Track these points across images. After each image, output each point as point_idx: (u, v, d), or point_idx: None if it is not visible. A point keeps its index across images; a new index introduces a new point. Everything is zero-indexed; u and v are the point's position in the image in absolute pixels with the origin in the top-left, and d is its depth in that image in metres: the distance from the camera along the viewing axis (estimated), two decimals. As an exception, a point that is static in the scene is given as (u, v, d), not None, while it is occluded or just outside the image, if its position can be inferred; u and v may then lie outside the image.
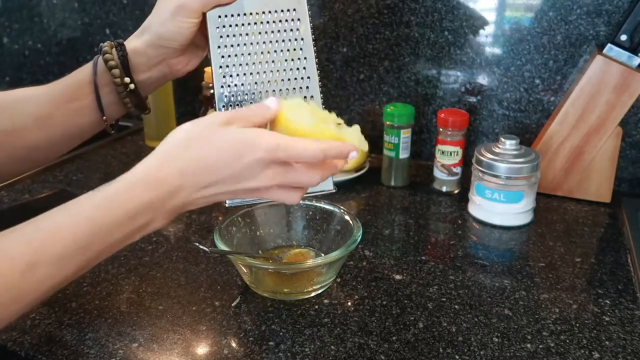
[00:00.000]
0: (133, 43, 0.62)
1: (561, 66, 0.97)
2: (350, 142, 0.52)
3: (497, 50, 1.00)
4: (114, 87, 0.61)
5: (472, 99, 1.04)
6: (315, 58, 0.60)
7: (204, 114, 1.09)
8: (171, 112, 1.18)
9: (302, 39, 0.60)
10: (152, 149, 0.51)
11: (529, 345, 0.60)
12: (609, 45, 0.87)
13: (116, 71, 0.60)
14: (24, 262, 0.44)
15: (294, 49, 0.60)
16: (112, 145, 1.19)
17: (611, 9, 0.91)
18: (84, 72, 0.62)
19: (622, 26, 0.86)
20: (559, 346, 0.60)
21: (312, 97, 0.60)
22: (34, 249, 0.44)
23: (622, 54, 0.87)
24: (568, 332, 0.62)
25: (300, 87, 0.60)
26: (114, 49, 0.61)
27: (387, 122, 0.96)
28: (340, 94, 1.12)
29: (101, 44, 0.62)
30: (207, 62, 0.61)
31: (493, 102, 1.03)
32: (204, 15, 0.59)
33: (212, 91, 0.61)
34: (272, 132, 0.50)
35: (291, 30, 0.60)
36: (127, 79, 0.61)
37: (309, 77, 0.60)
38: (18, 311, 0.45)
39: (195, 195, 0.50)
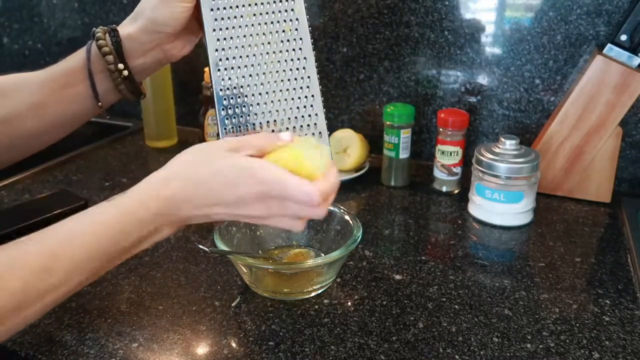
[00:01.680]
0: (126, 29, 0.61)
1: (561, 66, 0.97)
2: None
3: (497, 50, 1.00)
4: (108, 74, 0.61)
5: (472, 99, 1.04)
6: (311, 39, 0.60)
7: (204, 114, 1.09)
8: (171, 112, 1.18)
9: (297, 20, 0.60)
10: (152, 149, 0.52)
11: (529, 345, 0.60)
12: (609, 45, 0.87)
13: (110, 57, 0.60)
14: (41, 266, 0.46)
15: (290, 30, 0.60)
16: (112, 145, 1.19)
17: (611, 9, 0.91)
18: (77, 58, 0.61)
19: (622, 26, 0.86)
20: (559, 346, 0.60)
21: (309, 77, 0.60)
22: (51, 254, 0.46)
23: (622, 54, 0.87)
24: (568, 332, 0.62)
25: (297, 68, 0.60)
26: (107, 34, 0.60)
27: (387, 122, 0.96)
28: (340, 94, 1.12)
29: (94, 29, 0.61)
30: (206, 61, 0.60)
31: (493, 102, 1.03)
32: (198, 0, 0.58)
33: (210, 88, 0.60)
34: (272, 166, 0.51)
35: (285, 11, 0.59)
36: (121, 65, 0.60)
37: (305, 58, 0.60)
38: (34, 314, 0.47)
39: (199, 211, 0.52)
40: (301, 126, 0.61)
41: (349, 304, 0.67)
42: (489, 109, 1.03)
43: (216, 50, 0.59)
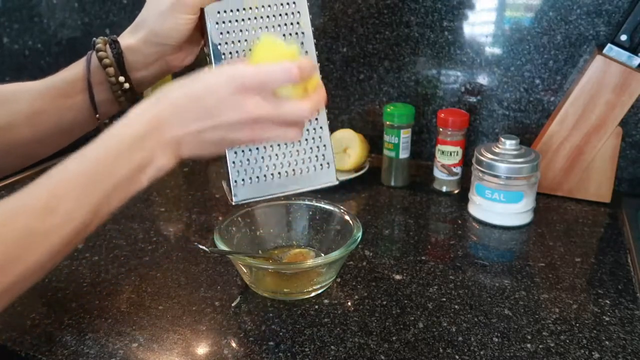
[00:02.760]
0: (127, 40, 0.60)
1: (561, 66, 0.97)
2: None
3: (497, 50, 1.00)
4: (108, 86, 0.60)
5: (472, 99, 1.04)
6: (316, 51, 0.60)
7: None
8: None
9: (302, 33, 0.60)
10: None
11: (529, 345, 0.60)
12: (609, 45, 0.87)
13: (110, 70, 0.59)
14: (43, 206, 0.46)
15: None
16: (112, 145, 1.19)
17: (611, 9, 0.91)
18: (77, 69, 0.61)
19: (622, 26, 0.86)
20: (559, 346, 0.60)
21: None
22: (50, 193, 0.46)
23: (622, 54, 0.87)
24: (568, 332, 0.62)
25: None
26: (107, 45, 0.60)
27: (387, 122, 0.96)
28: (340, 94, 1.12)
29: (94, 39, 0.61)
30: (206, 62, 0.60)
31: (493, 102, 1.03)
32: (201, 10, 0.58)
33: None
34: (244, 64, 0.51)
35: (291, 24, 0.59)
36: (121, 78, 0.60)
37: None
38: (45, 258, 0.46)
39: (186, 129, 0.50)
40: (306, 140, 0.61)
41: (349, 304, 0.67)
42: (489, 109, 1.03)
43: (221, 65, 0.58)
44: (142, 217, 0.88)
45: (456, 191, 0.98)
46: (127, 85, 0.61)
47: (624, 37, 0.87)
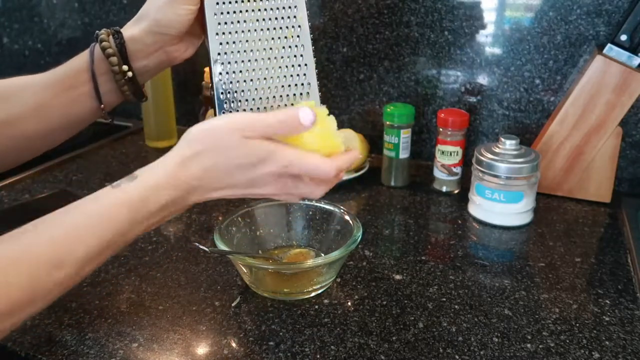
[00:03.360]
0: (130, 30, 0.61)
1: (561, 66, 0.97)
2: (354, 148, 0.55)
3: (497, 50, 1.00)
4: (111, 75, 0.61)
5: (472, 99, 1.04)
6: (312, 46, 0.61)
7: (204, 114, 1.09)
8: (171, 112, 1.18)
9: (299, 27, 0.60)
10: (152, 149, 0.53)
11: (529, 345, 0.60)
12: (609, 45, 0.87)
13: (114, 59, 0.60)
14: (51, 262, 0.46)
15: (292, 37, 0.60)
16: (112, 145, 1.19)
17: (611, 9, 0.91)
18: (81, 60, 0.62)
19: (622, 26, 0.86)
20: (559, 346, 0.60)
21: (309, 83, 0.61)
22: (60, 250, 0.47)
23: (622, 54, 0.87)
24: (568, 332, 0.62)
25: (297, 75, 0.61)
26: (110, 36, 0.61)
27: (387, 122, 0.96)
28: (340, 94, 1.12)
29: (97, 31, 0.62)
30: (206, 61, 0.61)
31: (493, 102, 1.03)
32: (201, 2, 0.59)
33: (210, 89, 0.61)
34: (288, 146, 0.51)
35: (288, 17, 0.60)
36: (125, 67, 0.61)
37: (306, 65, 0.61)
38: (41, 308, 0.48)
39: (210, 194, 0.53)
40: None
41: (349, 304, 0.67)
42: (489, 109, 1.03)
43: (218, 54, 0.59)
44: (142, 217, 0.88)
45: (456, 191, 0.98)
46: (130, 74, 0.61)
47: (624, 37, 0.87)
